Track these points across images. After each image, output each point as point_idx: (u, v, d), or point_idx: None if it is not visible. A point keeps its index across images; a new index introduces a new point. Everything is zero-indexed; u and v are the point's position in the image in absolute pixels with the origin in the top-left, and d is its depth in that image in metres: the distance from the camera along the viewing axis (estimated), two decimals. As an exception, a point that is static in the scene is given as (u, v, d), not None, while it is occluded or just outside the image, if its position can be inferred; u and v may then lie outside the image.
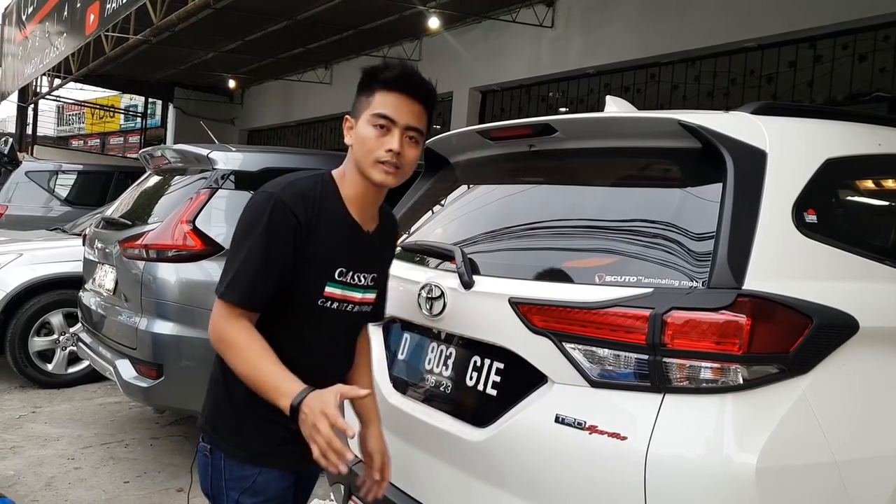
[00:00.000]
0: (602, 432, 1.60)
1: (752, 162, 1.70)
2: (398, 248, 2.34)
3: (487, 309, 1.89)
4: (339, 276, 1.60)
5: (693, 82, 7.65)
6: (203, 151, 3.89)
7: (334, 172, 1.64)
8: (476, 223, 2.27)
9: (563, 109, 9.00)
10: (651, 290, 1.61)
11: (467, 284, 1.93)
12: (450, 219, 2.43)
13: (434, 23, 9.15)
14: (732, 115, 1.88)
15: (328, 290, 1.59)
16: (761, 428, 1.51)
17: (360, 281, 1.65)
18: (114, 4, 7.13)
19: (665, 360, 1.54)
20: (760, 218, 1.62)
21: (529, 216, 2.10)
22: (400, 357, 2.26)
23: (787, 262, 1.64)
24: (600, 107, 2.37)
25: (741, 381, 1.51)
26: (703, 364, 1.52)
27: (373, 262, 1.69)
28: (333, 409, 1.37)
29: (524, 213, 2.14)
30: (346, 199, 1.61)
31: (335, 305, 1.62)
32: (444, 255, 2.12)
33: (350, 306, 1.65)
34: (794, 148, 1.79)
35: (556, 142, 2.11)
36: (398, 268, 2.26)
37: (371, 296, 1.71)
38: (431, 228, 2.45)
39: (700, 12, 6.99)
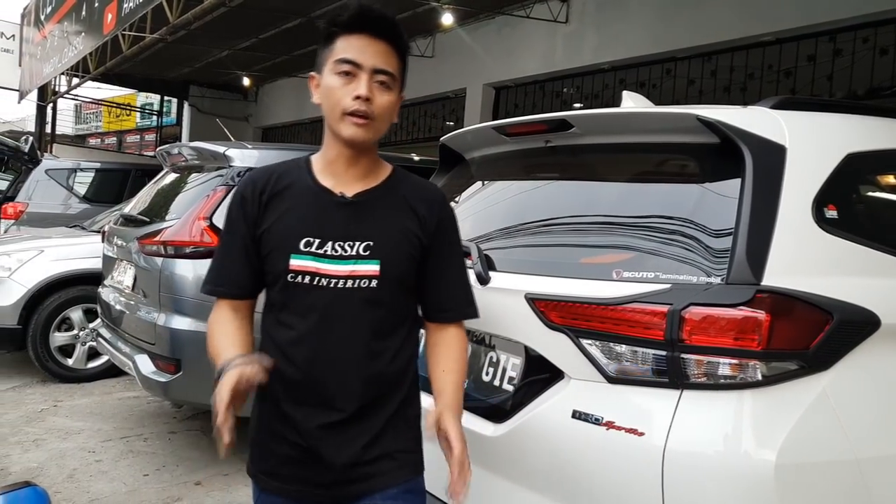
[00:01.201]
0: (619, 428, 1.60)
1: (771, 157, 1.69)
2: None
3: (504, 305, 1.90)
4: (304, 247, 1.41)
5: (709, 77, 7.59)
6: (219, 149, 3.92)
7: (315, 154, 1.53)
8: (492, 219, 2.27)
9: (577, 105, 8.96)
10: (669, 286, 1.60)
11: (483, 280, 1.94)
12: (465, 215, 2.43)
13: (448, 19, 9.14)
14: (751, 110, 1.86)
15: (293, 262, 1.40)
16: (780, 424, 1.50)
17: (340, 251, 1.41)
18: (131, 4, 7.19)
19: (683, 356, 1.54)
20: (780, 213, 1.61)
21: (545, 212, 2.10)
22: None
23: (807, 258, 1.63)
24: (615, 102, 2.37)
25: (760, 377, 1.51)
26: (722, 360, 1.52)
27: (361, 230, 1.43)
28: (222, 394, 1.25)
29: (540, 208, 2.14)
30: (316, 170, 1.48)
31: (308, 280, 1.41)
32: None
33: (335, 282, 1.41)
34: (814, 143, 1.78)
35: (572, 137, 2.10)
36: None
37: (366, 267, 1.41)
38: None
39: (716, 6, 6.94)
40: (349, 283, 1.41)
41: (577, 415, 1.68)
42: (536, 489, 1.77)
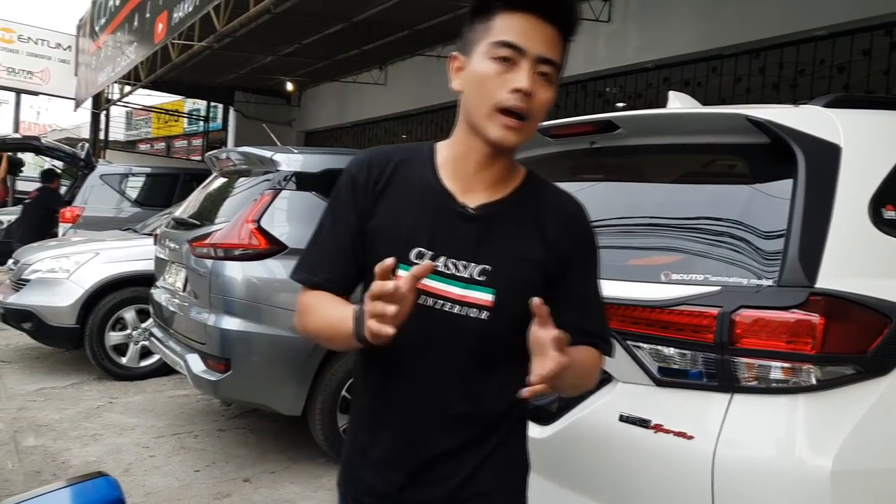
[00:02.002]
0: (668, 431, 1.59)
1: (825, 157, 1.66)
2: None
3: (550, 307, 1.89)
4: (415, 258, 1.19)
5: (757, 74, 7.43)
6: (267, 154, 4.00)
7: (443, 141, 1.29)
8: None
9: (620, 105, 8.86)
10: (718, 288, 1.59)
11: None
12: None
13: (490, 20, 9.12)
14: (803, 109, 1.83)
15: (400, 273, 1.14)
16: (836, 430, 1.48)
17: (452, 270, 1.19)
18: (180, 13, 7.39)
19: (733, 359, 1.53)
20: (834, 214, 1.58)
21: (592, 213, 2.09)
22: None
23: (864, 260, 1.59)
24: (659, 102, 2.34)
25: (814, 381, 1.48)
26: (774, 364, 1.50)
27: (480, 250, 1.20)
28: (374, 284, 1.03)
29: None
30: (440, 163, 1.24)
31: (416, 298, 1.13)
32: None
33: (441, 303, 1.19)
34: (870, 142, 1.74)
35: (618, 138, 2.09)
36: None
37: (479, 295, 1.19)
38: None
39: (765, 0, 6.79)
40: (456, 309, 1.19)
41: (624, 418, 1.67)
42: (583, 491, 1.77)
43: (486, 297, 1.19)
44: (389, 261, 1.04)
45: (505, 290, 1.19)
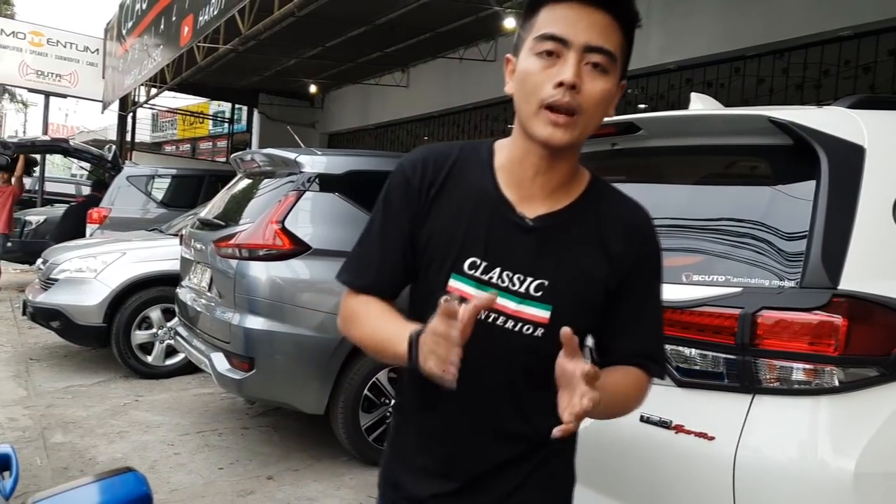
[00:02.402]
0: (689, 432, 1.59)
1: (849, 158, 1.66)
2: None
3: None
4: (469, 269, 1.13)
5: (781, 75, 7.36)
6: (291, 155, 4.04)
7: (504, 140, 1.22)
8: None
9: (642, 106, 8.82)
10: (740, 289, 1.59)
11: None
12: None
13: (510, 23, 9.14)
14: (827, 110, 1.83)
15: (453, 283, 1.13)
16: (860, 432, 1.47)
17: (507, 283, 1.13)
18: (206, 17, 7.48)
19: (755, 360, 1.53)
20: (858, 216, 1.58)
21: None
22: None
23: (888, 262, 1.59)
24: (681, 103, 2.35)
25: (837, 383, 1.48)
26: (796, 365, 1.50)
27: (537, 264, 1.14)
28: (442, 327, 0.98)
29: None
30: (497, 167, 1.17)
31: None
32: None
33: (494, 317, 1.13)
34: (895, 143, 1.73)
35: (639, 140, 2.10)
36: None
37: (535, 311, 1.13)
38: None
39: (789, 1, 6.72)
40: (509, 324, 1.13)
41: (644, 418, 1.68)
42: (604, 492, 1.77)
43: (542, 313, 1.13)
44: (458, 308, 0.96)
45: (562, 306, 1.13)
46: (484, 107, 11.16)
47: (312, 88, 14.39)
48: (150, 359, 5.61)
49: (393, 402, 3.84)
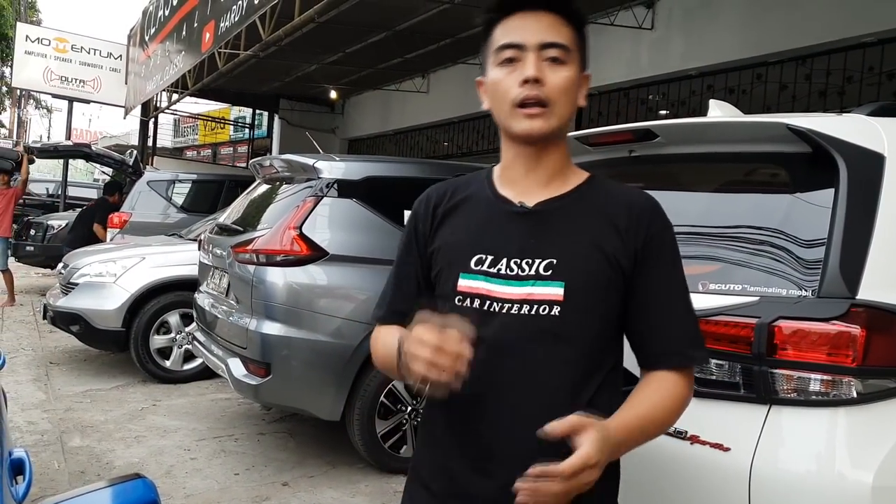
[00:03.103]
0: (704, 443, 1.57)
1: (869, 166, 1.63)
2: None
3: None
4: (475, 265, 1.18)
5: (804, 81, 7.28)
6: (309, 161, 4.06)
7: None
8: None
9: (663, 112, 8.77)
10: (757, 298, 1.57)
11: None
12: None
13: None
14: (846, 118, 1.80)
15: (462, 282, 1.18)
16: (878, 444, 1.45)
17: (516, 270, 1.16)
18: (227, 23, 7.57)
19: (771, 370, 1.51)
20: (877, 224, 1.55)
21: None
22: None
23: (907, 272, 1.55)
24: (702, 110, 2.32)
25: (855, 394, 1.45)
26: (813, 376, 1.48)
27: (542, 245, 1.16)
28: (421, 327, 1.04)
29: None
30: (497, 177, 1.26)
31: (479, 303, 1.17)
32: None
33: (508, 306, 1.15)
34: (916, 151, 1.70)
35: (657, 147, 2.08)
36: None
37: (547, 290, 1.14)
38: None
39: (813, 6, 6.65)
40: (525, 309, 1.14)
41: (660, 428, 1.65)
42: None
43: (555, 290, 1.14)
44: (424, 315, 1.06)
45: (574, 279, 1.14)
46: (502, 113, 11.16)
47: (333, 94, 14.48)
48: (168, 363, 5.66)
49: (410, 408, 3.85)
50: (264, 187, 4.69)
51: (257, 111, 16.86)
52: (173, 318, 5.68)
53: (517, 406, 1.15)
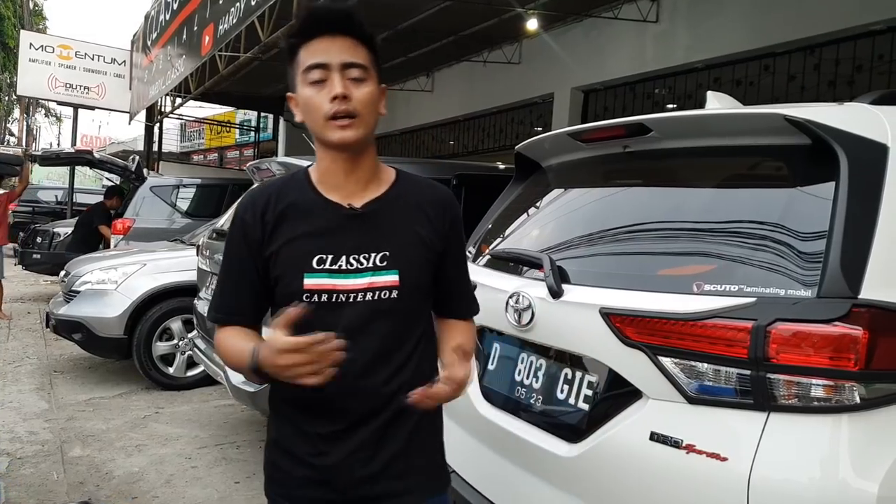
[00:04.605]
0: (700, 452, 1.49)
1: (871, 157, 1.55)
2: (486, 257, 2.30)
3: (578, 320, 1.82)
4: (317, 265, 1.35)
5: (812, 72, 7.15)
6: (305, 164, 3.99)
7: (312, 165, 1.47)
8: (567, 229, 2.20)
9: (670, 106, 8.65)
10: (754, 299, 1.49)
11: (556, 294, 1.87)
12: (540, 225, 2.37)
13: (533, 24, 9.05)
14: (848, 107, 1.71)
15: (308, 281, 1.35)
16: (883, 452, 1.36)
17: (356, 265, 1.36)
18: (225, 25, 7.53)
19: (770, 375, 1.42)
20: (880, 219, 1.47)
21: (622, 221, 2.01)
22: (490, 367, 2.21)
23: (913, 269, 1.47)
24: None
25: (858, 400, 1.37)
26: (814, 381, 1.39)
27: (374, 240, 1.38)
28: (283, 340, 1.19)
29: (617, 217, 2.04)
30: (316, 182, 1.42)
31: (326, 298, 1.35)
32: (532, 263, 2.07)
33: (353, 296, 1.36)
34: (921, 141, 1.61)
35: (651, 142, 2.00)
36: (487, 276, 2.23)
37: (385, 278, 1.37)
38: (522, 235, 2.39)
39: (820, -5, 6.52)
40: (368, 296, 1.37)
41: (655, 437, 1.58)
42: (613, 514, 1.68)
43: (391, 278, 1.38)
44: (292, 310, 1.20)
45: (406, 267, 1.39)
46: (509, 110, 11.07)
47: (337, 95, 14.38)
48: (171, 370, 5.63)
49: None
50: (262, 191, 4.63)
51: (262, 114, 16.85)
52: (176, 325, 5.65)
53: (371, 373, 1.38)
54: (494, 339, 2.22)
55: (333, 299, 1.36)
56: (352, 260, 1.36)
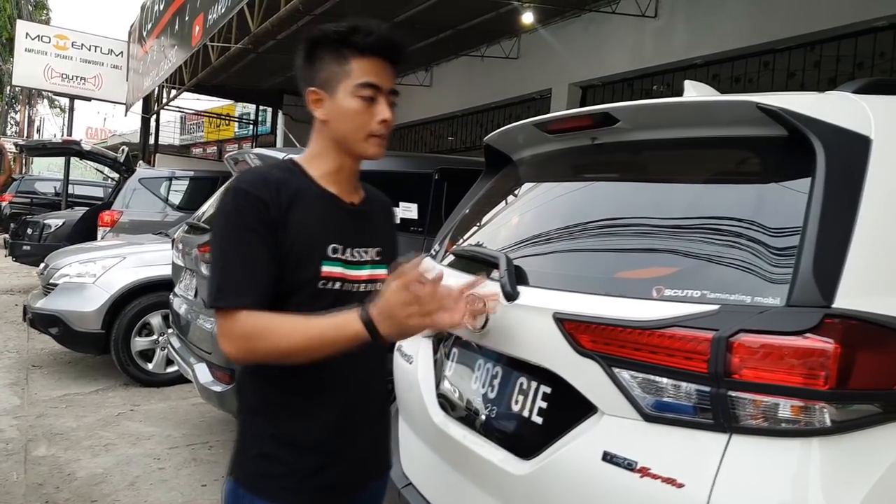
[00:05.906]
0: (655, 476, 1.34)
1: (851, 150, 1.40)
2: (451, 257, 2.17)
3: (531, 325, 1.67)
4: (332, 254, 1.43)
5: (813, 69, 6.98)
6: (279, 155, 3.85)
7: (298, 158, 1.52)
8: (530, 227, 2.05)
9: (669, 103, 8.48)
10: (717, 307, 1.33)
11: (510, 296, 1.71)
12: (505, 222, 2.22)
13: (528, 18, 8.90)
14: (827, 96, 1.56)
15: (325, 269, 1.41)
16: (858, 481, 1.21)
17: (359, 257, 1.48)
18: (214, 15, 7.39)
19: (731, 393, 1.27)
20: (859, 219, 1.32)
21: (587, 218, 1.85)
22: (447, 373, 2.07)
23: (894, 275, 1.32)
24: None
25: (829, 422, 1.22)
26: (780, 400, 1.24)
27: (370, 236, 1.52)
28: (411, 273, 1.26)
29: (582, 214, 1.89)
30: (318, 178, 1.48)
31: (338, 286, 1.43)
32: (489, 263, 1.92)
33: (357, 285, 1.47)
34: (906, 132, 1.46)
35: (620, 133, 1.85)
36: (448, 276, 2.08)
37: (380, 272, 1.51)
38: (486, 233, 2.24)
39: (821, -9, 6.35)
40: (368, 287, 1.49)
41: (608, 457, 1.43)
42: (565, 539, 1.53)
43: (384, 271, 1.51)
44: (414, 265, 1.27)
45: (392, 262, 1.49)
46: (506, 105, 10.92)
47: (335, 89, 14.26)
48: (150, 366, 5.51)
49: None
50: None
51: (261, 107, 16.72)
52: (155, 320, 5.53)
53: (369, 359, 1.52)
54: (452, 344, 2.07)
55: (343, 288, 1.45)
56: (356, 252, 1.48)
